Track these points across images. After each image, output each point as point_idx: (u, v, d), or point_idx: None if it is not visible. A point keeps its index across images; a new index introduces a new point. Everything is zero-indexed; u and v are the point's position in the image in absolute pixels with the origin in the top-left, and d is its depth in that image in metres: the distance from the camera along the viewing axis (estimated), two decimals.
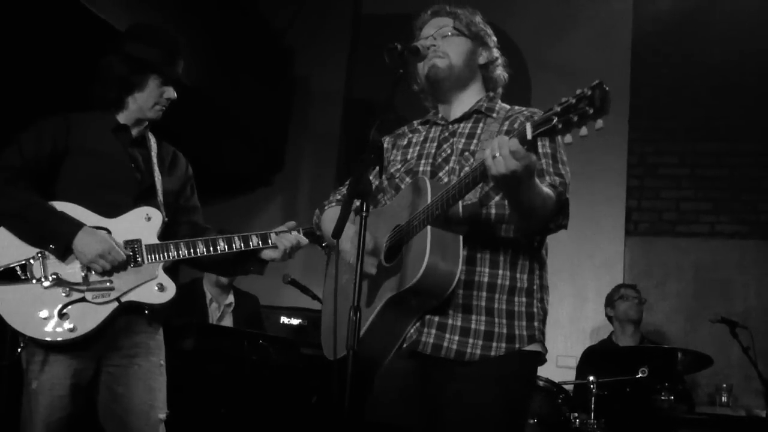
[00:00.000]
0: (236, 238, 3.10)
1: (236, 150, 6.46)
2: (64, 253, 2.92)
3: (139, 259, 3.00)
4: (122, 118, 3.14)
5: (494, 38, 2.71)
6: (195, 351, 4.23)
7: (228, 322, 5.14)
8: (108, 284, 2.93)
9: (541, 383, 4.38)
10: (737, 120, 6.36)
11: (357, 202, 2.25)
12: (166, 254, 3.03)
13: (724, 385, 5.56)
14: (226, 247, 3.08)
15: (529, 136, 2.01)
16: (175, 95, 3.16)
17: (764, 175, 6.26)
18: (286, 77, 6.93)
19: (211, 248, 3.08)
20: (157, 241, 3.04)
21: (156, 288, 3.00)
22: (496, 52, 2.70)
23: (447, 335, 2.39)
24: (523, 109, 2.63)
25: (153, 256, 3.01)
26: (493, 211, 2.45)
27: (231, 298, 5.18)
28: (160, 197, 3.14)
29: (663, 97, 6.52)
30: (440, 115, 2.70)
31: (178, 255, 3.04)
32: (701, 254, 6.24)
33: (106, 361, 2.99)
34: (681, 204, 6.42)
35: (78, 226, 2.91)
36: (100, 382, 3.00)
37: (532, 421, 4.23)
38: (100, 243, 2.90)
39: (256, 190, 6.82)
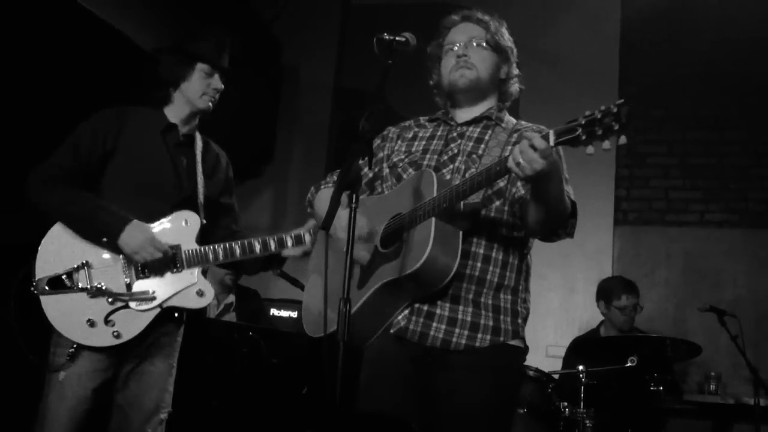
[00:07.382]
0: (271, 241, 3.14)
1: (225, 141, 6.41)
2: (116, 246, 2.98)
3: (179, 266, 3.06)
4: (172, 114, 3.21)
5: (515, 51, 2.74)
6: (186, 343, 4.22)
7: (230, 320, 5.09)
8: (150, 292, 3.01)
9: (531, 373, 4.38)
10: (726, 109, 6.37)
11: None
12: (204, 260, 3.09)
13: (713, 374, 5.59)
14: (262, 249, 3.13)
15: (551, 143, 2.10)
16: (222, 85, 3.23)
17: (753, 164, 6.28)
18: (275, 68, 6.89)
19: (248, 251, 3.13)
20: (196, 246, 3.10)
21: (196, 293, 3.08)
22: (515, 69, 2.74)
23: (434, 324, 2.47)
24: (531, 125, 2.69)
25: (192, 262, 3.08)
26: (492, 213, 2.54)
27: (232, 298, 5.13)
28: (201, 199, 3.20)
29: (652, 86, 6.51)
30: (450, 116, 2.73)
31: (216, 259, 3.11)
32: (690, 243, 6.26)
33: (128, 356, 3.06)
34: (670, 193, 6.44)
35: (126, 219, 2.99)
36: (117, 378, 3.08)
37: (521, 411, 4.24)
38: (144, 233, 2.98)
39: (246, 182, 6.76)
